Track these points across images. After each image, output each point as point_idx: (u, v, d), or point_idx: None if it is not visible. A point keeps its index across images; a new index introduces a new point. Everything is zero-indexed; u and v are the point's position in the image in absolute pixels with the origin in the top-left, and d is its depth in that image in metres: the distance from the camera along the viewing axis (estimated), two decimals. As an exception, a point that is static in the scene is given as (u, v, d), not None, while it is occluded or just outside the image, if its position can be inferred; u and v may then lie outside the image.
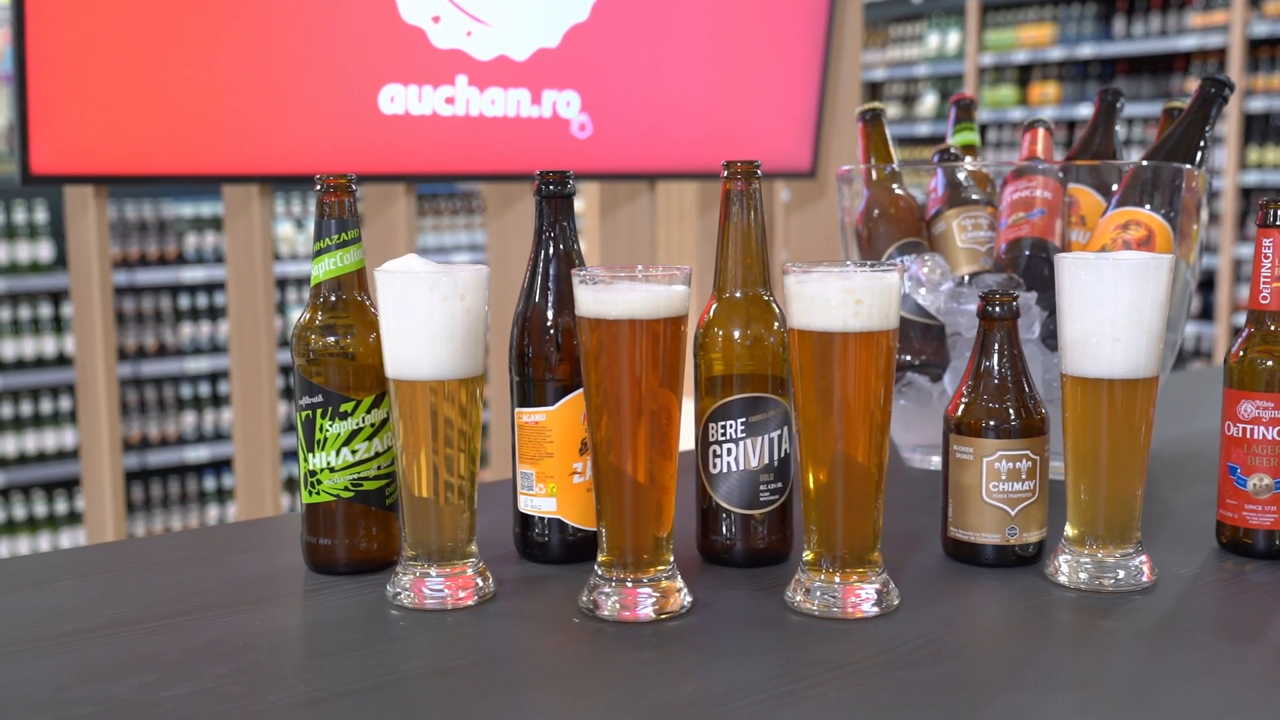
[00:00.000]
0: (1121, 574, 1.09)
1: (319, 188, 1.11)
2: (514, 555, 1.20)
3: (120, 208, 4.67)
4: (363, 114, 2.44)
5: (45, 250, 4.49)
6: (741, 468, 1.13)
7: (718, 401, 1.13)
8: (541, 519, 1.16)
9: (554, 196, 1.15)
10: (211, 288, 4.89)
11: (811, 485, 1.04)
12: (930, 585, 1.11)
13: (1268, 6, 5.74)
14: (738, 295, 1.14)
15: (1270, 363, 1.14)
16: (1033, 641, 0.99)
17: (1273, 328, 1.14)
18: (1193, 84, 6.15)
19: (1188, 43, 6.07)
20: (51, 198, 4.53)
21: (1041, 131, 1.57)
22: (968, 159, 1.64)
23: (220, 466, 4.85)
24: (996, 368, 1.15)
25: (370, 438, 1.12)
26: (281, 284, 4.93)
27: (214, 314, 4.91)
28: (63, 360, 4.64)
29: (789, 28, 2.89)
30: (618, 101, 2.72)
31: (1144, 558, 1.10)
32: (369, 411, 1.11)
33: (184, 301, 4.88)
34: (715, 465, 1.14)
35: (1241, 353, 1.15)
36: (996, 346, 1.15)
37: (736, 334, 1.13)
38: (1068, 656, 0.96)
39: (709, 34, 2.83)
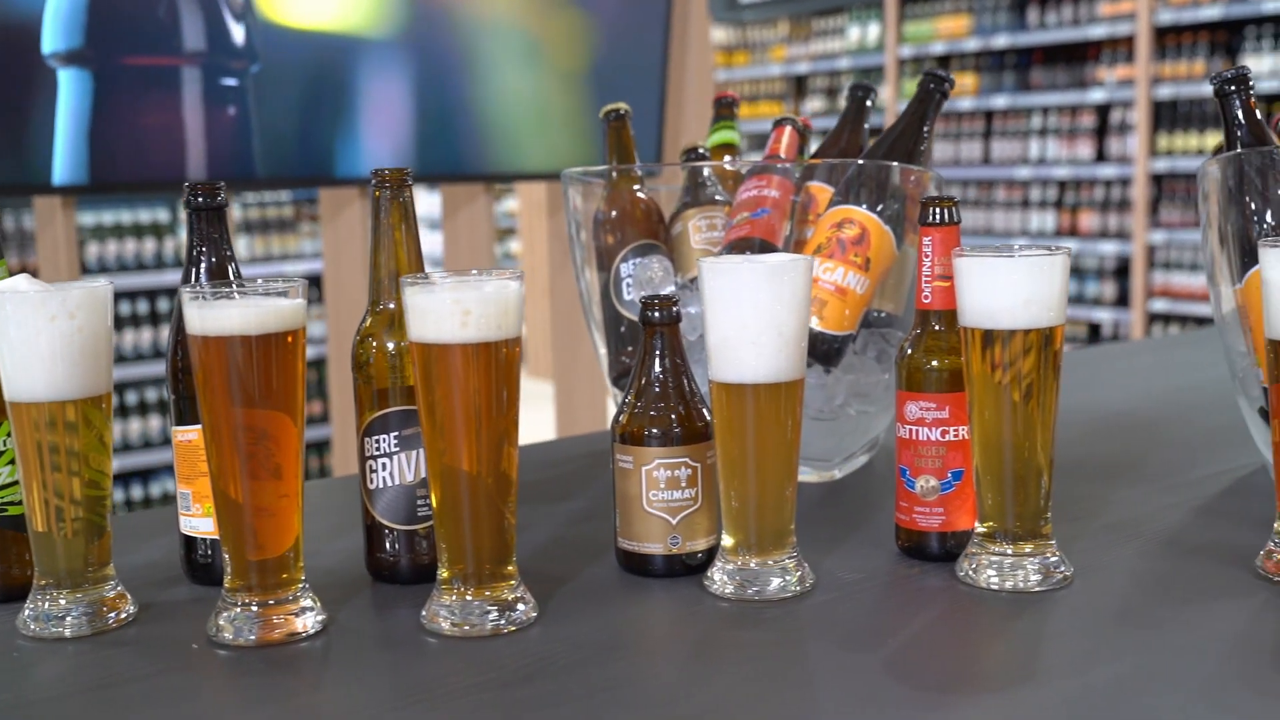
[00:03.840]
0: (776, 581, 1.07)
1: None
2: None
3: (18, 218, 4.62)
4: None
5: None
6: (397, 482, 1.11)
7: (372, 415, 1.11)
8: (202, 540, 1.13)
9: (203, 209, 1.12)
10: (117, 296, 4.84)
11: (435, 501, 1.01)
12: (584, 599, 1.08)
13: (1171, -6, 5.75)
14: (390, 306, 1.11)
15: (935, 363, 1.12)
16: (647, 657, 0.97)
17: (937, 327, 1.13)
18: (1104, 72, 6.17)
19: (1098, 31, 6.08)
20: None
21: (789, 130, 1.55)
22: (728, 159, 1.62)
23: (129, 478, 4.80)
24: (657, 374, 1.13)
25: (13, 461, 1.09)
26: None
27: (118, 323, 4.85)
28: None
29: (627, 28, 2.86)
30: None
31: (799, 564, 1.08)
32: (9, 436, 1.08)
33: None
34: (373, 480, 1.11)
35: (909, 351, 1.14)
36: (657, 352, 1.13)
37: (390, 346, 1.10)
38: (671, 674, 0.94)
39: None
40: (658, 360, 1.13)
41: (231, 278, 1.13)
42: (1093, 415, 1.73)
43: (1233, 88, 1.25)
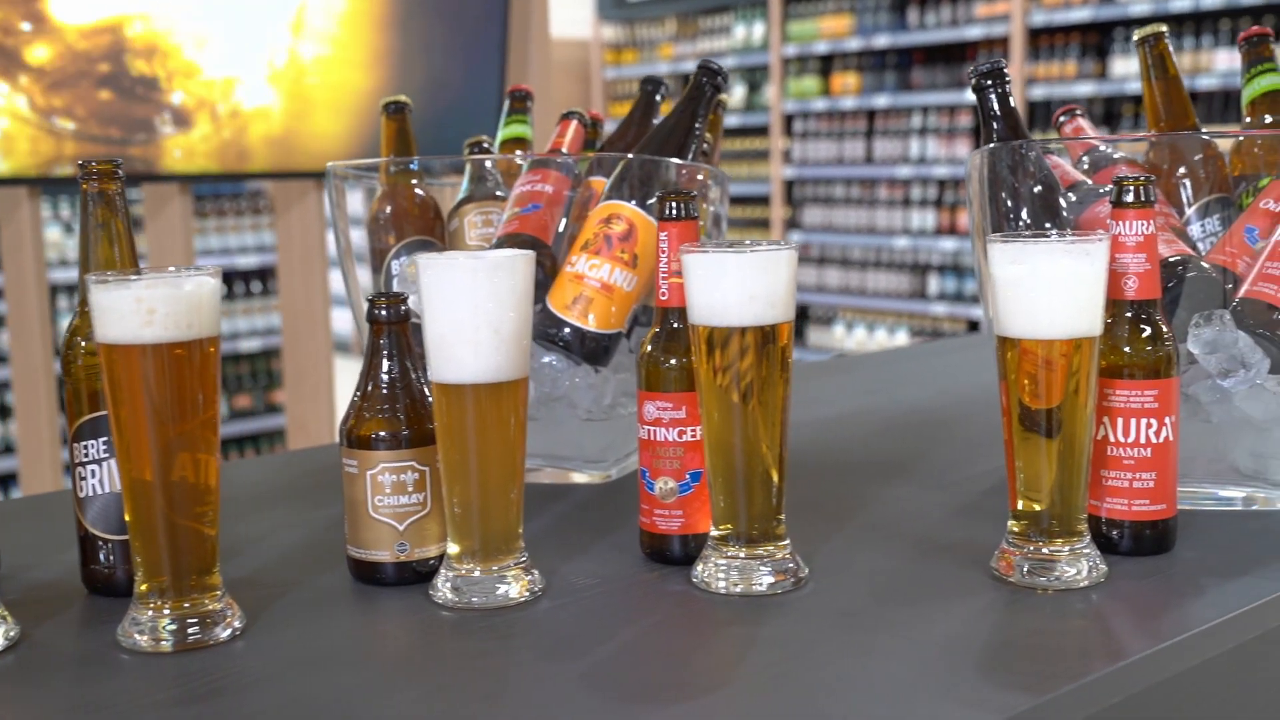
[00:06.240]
0: (500, 589, 1.03)
1: None
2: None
3: None
4: None
5: None
6: (108, 490, 1.05)
7: (80, 420, 1.05)
8: (-98, 553, 1.07)
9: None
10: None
11: (128, 512, 0.96)
12: (305, 609, 1.03)
13: (1043, -5, 5.83)
14: (100, 305, 1.06)
15: (672, 361, 1.09)
16: (345, 670, 0.92)
17: (675, 325, 1.10)
18: (980, 72, 6.23)
19: (974, 32, 6.14)
20: None
21: (574, 124, 1.52)
22: (519, 152, 1.58)
23: (6, 481, 4.65)
24: (383, 375, 1.08)
25: None
26: (53, 290, 4.81)
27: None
28: None
29: (464, 15, 2.81)
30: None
31: (527, 570, 1.05)
32: None
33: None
34: (83, 489, 1.06)
35: (647, 349, 1.11)
36: (385, 352, 1.09)
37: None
38: (361, 687, 0.89)
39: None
40: (385, 360, 1.09)
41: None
42: (885, 414, 1.72)
43: (989, 81, 1.23)
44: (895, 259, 6.74)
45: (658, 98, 1.54)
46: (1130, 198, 1.06)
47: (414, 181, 1.47)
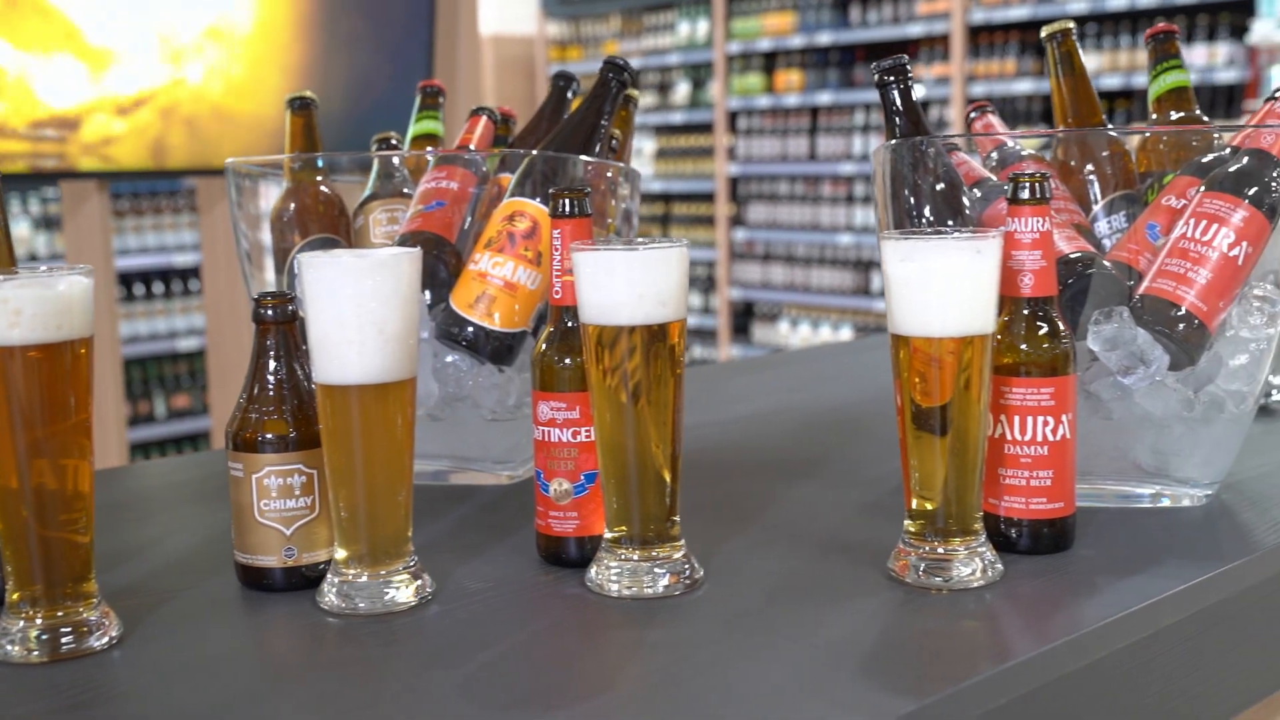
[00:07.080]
0: (388, 594, 1.01)
1: None
2: None
3: None
4: None
5: None
6: (-17, 496, 1.02)
7: (-46, 424, 1.02)
8: None
9: None
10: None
11: (-4, 518, 0.94)
12: (190, 617, 1.01)
13: (982, -7, 5.86)
14: (-26, 305, 1.03)
15: (568, 360, 1.07)
16: (221, 680, 0.90)
17: (569, 324, 1.08)
18: (921, 70, 6.26)
19: (916, 30, 6.17)
20: None
21: (483, 120, 1.50)
22: (428, 148, 1.55)
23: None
24: (269, 376, 1.06)
25: None
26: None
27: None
28: None
29: (388, 13, 2.78)
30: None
31: (416, 575, 1.03)
32: None
33: None
34: (-43, 495, 1.03)
35: (542, 348, 1.09)
36: (271, 352, 1.06)
37: (-26, 348, 1.02)
38: (232, 698, 0.87)
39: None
40: (271, 360, 1.06)
41: None
42: (804, 412, 1.71)
43: (891, 78, 1.23)
44: (839, 255, 6.76)
45: (569, 94, 1.52)
46: (1025, 194, 1.05)
47: (319, 178, 1.45)
